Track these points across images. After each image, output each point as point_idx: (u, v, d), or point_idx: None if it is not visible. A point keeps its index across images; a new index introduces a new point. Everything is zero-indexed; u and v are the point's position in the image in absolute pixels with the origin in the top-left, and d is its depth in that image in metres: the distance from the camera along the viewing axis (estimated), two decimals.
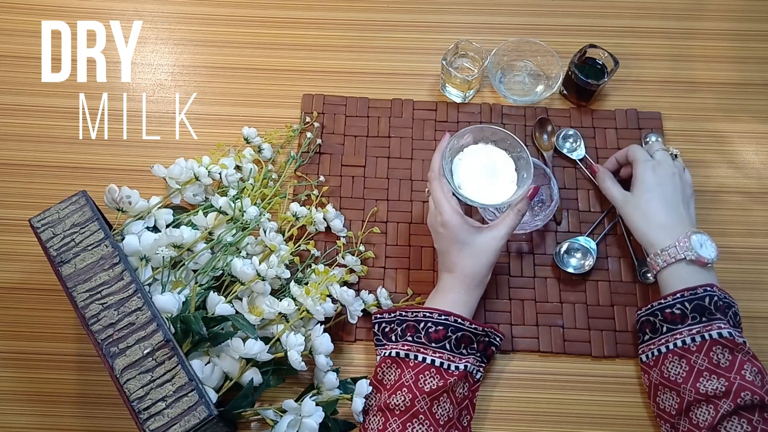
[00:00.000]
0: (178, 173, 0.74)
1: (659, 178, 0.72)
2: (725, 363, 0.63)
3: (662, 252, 0.69)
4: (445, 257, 0.69)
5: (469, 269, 0.67)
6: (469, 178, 0.70)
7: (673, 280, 0.68)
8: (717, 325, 0.65)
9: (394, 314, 0.69)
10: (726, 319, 0.66)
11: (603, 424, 0.71)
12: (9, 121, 0.87)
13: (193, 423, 0.57)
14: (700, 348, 0.64)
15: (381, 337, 0.70)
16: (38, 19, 0.93)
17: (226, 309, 0.65)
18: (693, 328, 0.65)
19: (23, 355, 0.75)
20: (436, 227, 0.68)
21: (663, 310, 0.68)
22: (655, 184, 0.72)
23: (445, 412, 0.63)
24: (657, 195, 0.71)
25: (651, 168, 0.73)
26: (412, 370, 0.64)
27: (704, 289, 0.66)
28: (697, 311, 0.66)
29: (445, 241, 0.68)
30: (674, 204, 0.71)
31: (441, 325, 0.66)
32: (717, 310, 0.65)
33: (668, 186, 0.72)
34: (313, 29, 0.93)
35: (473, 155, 0.71)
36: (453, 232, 0.66)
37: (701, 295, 0.66)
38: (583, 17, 0.94)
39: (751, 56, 0.91)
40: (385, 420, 0.63)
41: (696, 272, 0.68)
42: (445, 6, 0.95)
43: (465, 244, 0.67)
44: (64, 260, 0.64)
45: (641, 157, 0.75)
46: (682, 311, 0.66)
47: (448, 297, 0.68)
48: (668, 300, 0.67)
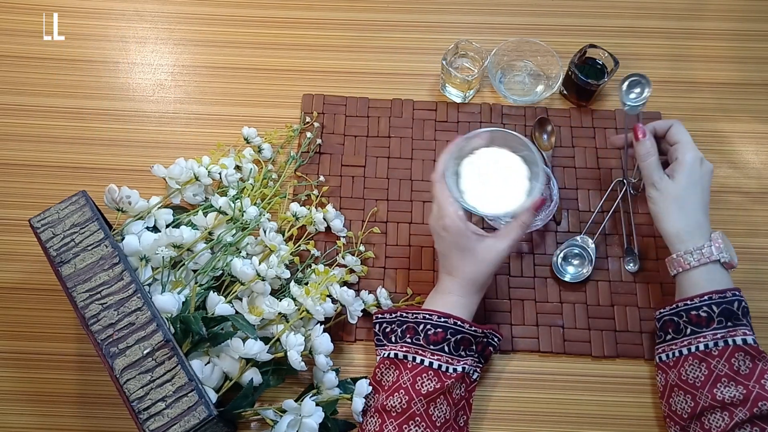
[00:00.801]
0: (178, 173, 0.74)
1: (703, 173, 0.69)
2: (745, 370, 0.62)
3: (695, 250, 0.67)
4: (445, 260, 0.68)
5: (470, 275, 0.66)
6: (475, 183, 0.67)
7: (702, 281, 0.66)
8: (742, 331, 0.64)
9: (395, 315, 0.69)
10: (748, 325, 0.65)
11: (603, 424, 0.71)
12: (9, 121, 0.87)
13: (193, 423, 0.57)
14: (722, 353, 0.63)
15: (381, 337, 0.70)
16: (38, 19, 0.93)
17: (226, 309, 0.65)
18: (718, 333, 0.64)
19: (23, 355, 0.75)
20: (437, 230, 0.67)
21: (689, 312, 0.66)
22: (699, 178, 0.69)
23: (441, 414, 0.63)
24: (699, 191, 0.69)
25: (700, 160, 0.69)
26: (410, 371, 0.64)
27: (733, 293, 0.65)
28: (724, 315, 0.64)
29: (447, 245, 0.66)
30: (707, 202, 0.70)
31: (440, 328, 0.65)
32: (743, 316, 0.65)
33: (708, 182, 0.70)
34: (313, 29, 0.93)
35: (483, 159, 0.68)
36: (454, 238, 0.65)
37: (730, 299, 0.64)
38: (583, 17, 0.94)
39: (751, 56, 0.91)
40: (382, 421, 0.63)
41: (724, 275, 0.67)
42: (445, 6, 0.95)
43: (466, 250, 0.66)
44: (64, 260, 0.64)
45: (690, 144, 0.70)
46: (708, 314, 0.65)
47: (448, 299, 0.67)
48: (695, 301, 0.66)
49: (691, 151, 0.69)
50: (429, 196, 0.82)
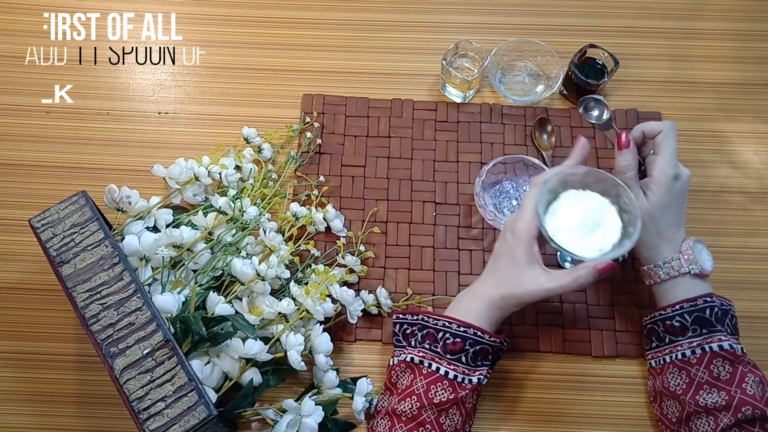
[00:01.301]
0: (178, 173, 0.74)
1: (677, 192, 0.66)
2: (726, 375, 0.62)
3: (664, 264, 0.66)
4: (496, 261, 0.66)
5: (508, 291, 0.63)
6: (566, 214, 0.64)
7: (673, 291, 0.66)
8: (717, 338, 0.63)
9: (417, 317, 0.67)
10: (725, 329, 0.65)
11: (603, 424, 0.71)
12: (9, 121, 0.87)
13: (192, 423, 0.57)
14: (701, 360, 0.63)
15: (401, 338, 0.69)
16: (38, 19, 0.93)
17: (226, 309, 0.65)
18: (693, 341, 0.64)
19: (23, 355, 0.74)
20: (507, 228, 0.65)
21: (664, 321, 0.67)
22: (672, 198, 0.66)
23: (452, 423, 0.63)
24: (672, 210, 0.66)
25: (673, 178, 0.66)
26: (425, 378, 0.63)
27: (704, 300, 0.65)
28: (698, 323, 0.64)
29: (505, 248, 0.64)
30: (681, 217, 0.67)
31: (459, 337, 0.63)
32: (717, 322, 0.64)
33: (682, 199, 0.67)
34: (312, 29, 0.93)
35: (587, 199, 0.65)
36: (515, 244, 0.63)
37: (701, 307, 0.64)
38: (583, 17, 0.94)
39: (751, 56, 0.91)
40: (392, 425, 0.62)
41: (695, 284, 0.66)
42: (445, 6, 0.95)
43: (516, 265, 0.63)
44: (63, 260, 0.64)
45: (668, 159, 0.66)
46: (682, 323, 0.65)
47: (478, 306, 0.65)
48: (668, 311, 0.66)
49: (666, 169, 0.65)
50: (429, 196, 0.82)
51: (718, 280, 0.77)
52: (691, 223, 0.80)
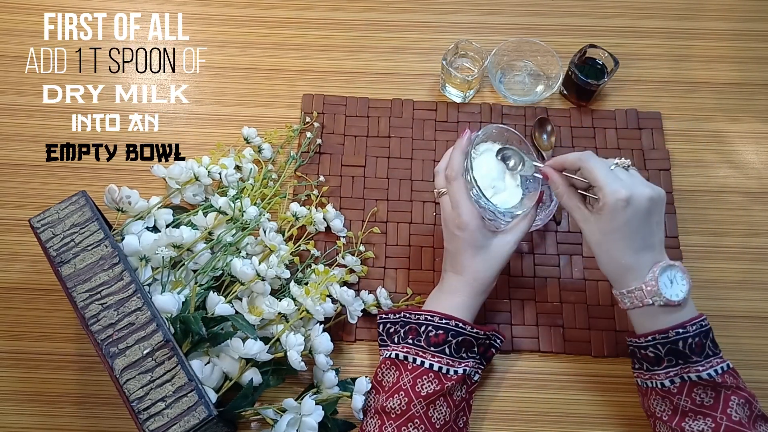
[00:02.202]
0: (178, 173, 0.74)
1: (629, 216, 0.59)
2: (709, 401, 0.60)
3: (628, 293, 0.62)
4: (455, 258, 0.67)
5: (481, 274, 0.66)
6: (485, 181, 0.66)
7: (643, 320, 0.62)
8: (695, 369, 0.60)
9: (399, 315, 0.69)
10: (703, 356, 0.60)
11: (603, 424, 0.71)
12: (9, 121, 0.87)
13: (192, 423, 0.57)
14: (681, 389, 0.61)
15: (385, 337, 0.70)
16: (39, 19, 0.93)
17: (226, 309, 0.65)
18: (671, 371, 0.61)
19: (23, 355, 0.74)
20: (452, 228, 0.66)
21: (639, 350, 0.63)
22: (623, 223, 0.59)
23: (441, 416, 0.63)
24: (625, 236, 0.60)
25: (623, 203, 0.59)
26: (411, 373, 0.64)
27: (676, 332, 0.60)
28: (672, 354, 0.61)
29: (460, 244, 0.66)
30: (644, 237, 0.61)
31: (441, 329, 0.65)
32: (692, 352, 0.60)
33: (640, 222, 0.60)
34: (313, 29, 0.93)
35: (489, 157, 0.68)
36: (471, 236, 0.65)
37: (673, 339, 0.60)
38: (583, 17, 0.94)
39: (751, 56, 0.91)
40: (381, 423, 0.63)
41: (666, 314, 0.61)
42: (445, 6, 0.95)
43: (481, 248, 0.65)
44: (63, 260, 0.64)
45: (607, 184, 0.59)
46: (656, 354, 0.62)
47: (453, 299, 0.67)
48: (641, 341, 0.62)
49: (611, 194, 0.59)
50: (429, 196, 0.82)
51: (718, 280, 0.77)
52: (691, 223, 0.80)
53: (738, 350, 0.65)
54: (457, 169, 0.65)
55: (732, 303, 0.76)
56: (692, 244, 0.79)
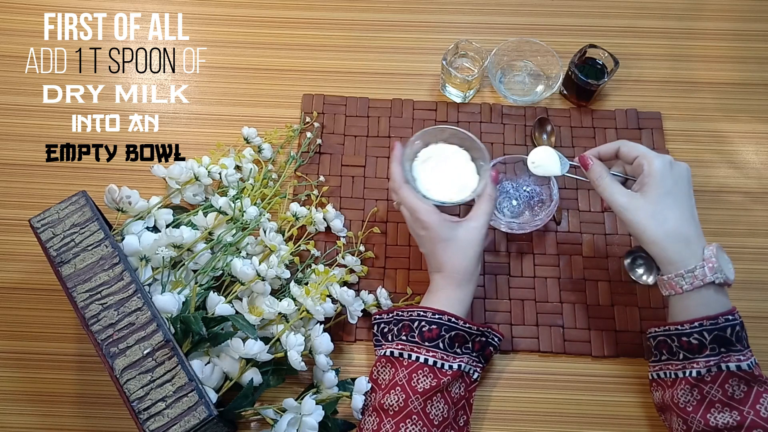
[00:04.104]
0: (178, 173, 0.74)
1: (676, 178, 0.62)
2: (740, 395, 0.59)
3: (687, 273, 0.60)
4: (431, 258, 0.69)
5: (457, 264, 0.67)
6: (432, 181, 0.71)
7: (694, 305, 0.61)
8: (736, 357, 0.60)
9: (392, 314, 0.70)
10: (743, 346, 0.61)
11: (603, 424, 0.71)
12: (9, 121, 0.87)
13: (193, 423, 0.57)
14: (715, 379, 0.60)
15: (380, 337, 0.70)
16: (39, 19, 0.93)
17: (226, 309, 0.65)
18: (711, 360, 0.60)
19: (23, 355, 0.75)
20: (417, 231, 0.68)
21: (680, 337, 0.62)
22: (673, 185, 0.62)
23: (439, 412, 0.63)
24: (677, 200, 0.61)
25: (669, 164, 0.62)
26: (406, 369, 0.64)
27: (725, 318, 0.60)
28: (717, 342, 0.60)
29: (429, 242, 0.68)
30: (692, 210, 0.62)
31: (434, 324, 0.65)
32: (737, 340, 0.60)
33: (686, 187, 0.63)
34: (313, 29, 0.93)
35: (429, 158, 0.73)
36: (434, 231, 0.66)
37: (722, 326, 0.60)
38: (583, 17, 0.94)
39: (751, 56, 0.91)
40: (380, 420, 0.63)
41: (718, 297, 0.61)
42: (445, 6, 0.95)
43: (448, 240, 0.67)
44: (64, 260, 0.64)
45: (650, 152, 0.64)
46: (700, 341, 0.60)
47: (441, 296, 0.68)
48: (686, 328, 0.61)
49: (656, 158, 0.63)
50: None
51: None
52: None
53: None
54: (398, 179, 0.69)
55: (732, 303, 0.76)
56: None
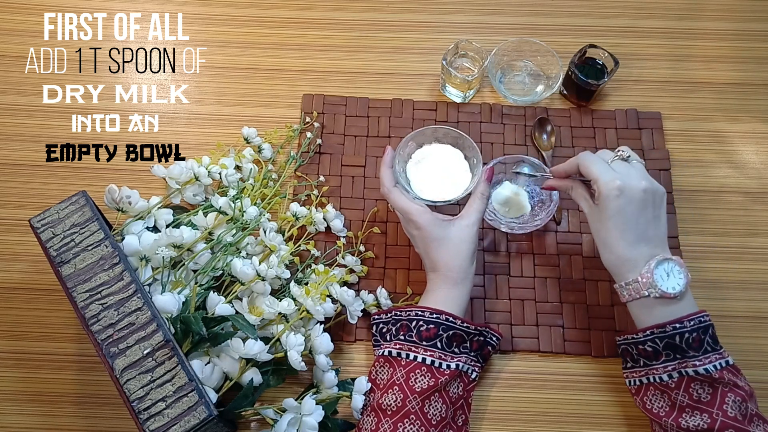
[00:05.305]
0: (178, 173, 0.74)
1: (622, 205, 0.62)
2: (706, 397, 0.60)
3: (625, 285, 0.63)
4: (426, 258, 0.69)
5: (451, 263, 0.67)
6: (425, 181, 0.72)
7: (642, 313, 0.64)
8: (692, 363, 0.61)
9: (390, 314, 0.70)
10: (701, 351, 0.61)
11: (603, 424, 0.71)
12: (9, 121, 0.87)
13: (193, 423, 0.57)
14: (679, 384, 0.61)
15: (378, 337, 0.71)
16: (39, 19, 0.92)
17: (226, 309, 0.65)
18: (668, 365, 0.62)
19: (23, 355, 0.75)
20: (410, 231, 0.70)
21: (636, 345, 0.65)
22: (616, 212, 0.62)
23: (437, 412, 0.63)
24: (620, 223, 0.62)
25: (616, 190, 0.62)
26: (404, 368, 0.64)
27: (673, 326, 0.61)
28: (670, 349, 0.62)
29: (422, 242, 0.68)
30: (641, 229, 0.63)
31: (432, 324, 0.66)
32: (689, 347, 0.61)
33: (634, 208, 0.62)
34: (313, 29, 0.93)
35: (422, 159, 0.74)
36: (427, 231, 0.67)
37: (671, 333, 0.61)
38: (583, 17, 0.94)
39: (751, 56, 0.91)
40: (378, 420, 0.63)
41: (664, 307, 0.62)
42: (445, 6, 0.95)
43: (441, 239, 0.67)
44: (64, 260, 0.64)
45: (603, 176, 0.63)
46: (654, 349, 0.63)
47: (438, 295, 0.68)
48: (639, 336, 0.64)
49: (604, 184, 0.63)
50: None
51: (718, 280, 0.78)
52: (691, 223, 0.80)
53: (738, 350, 0.65)
54: (387, 183, 0.69)
55: (732, 303, 0.76)
56: (692, 244, 0.79)
